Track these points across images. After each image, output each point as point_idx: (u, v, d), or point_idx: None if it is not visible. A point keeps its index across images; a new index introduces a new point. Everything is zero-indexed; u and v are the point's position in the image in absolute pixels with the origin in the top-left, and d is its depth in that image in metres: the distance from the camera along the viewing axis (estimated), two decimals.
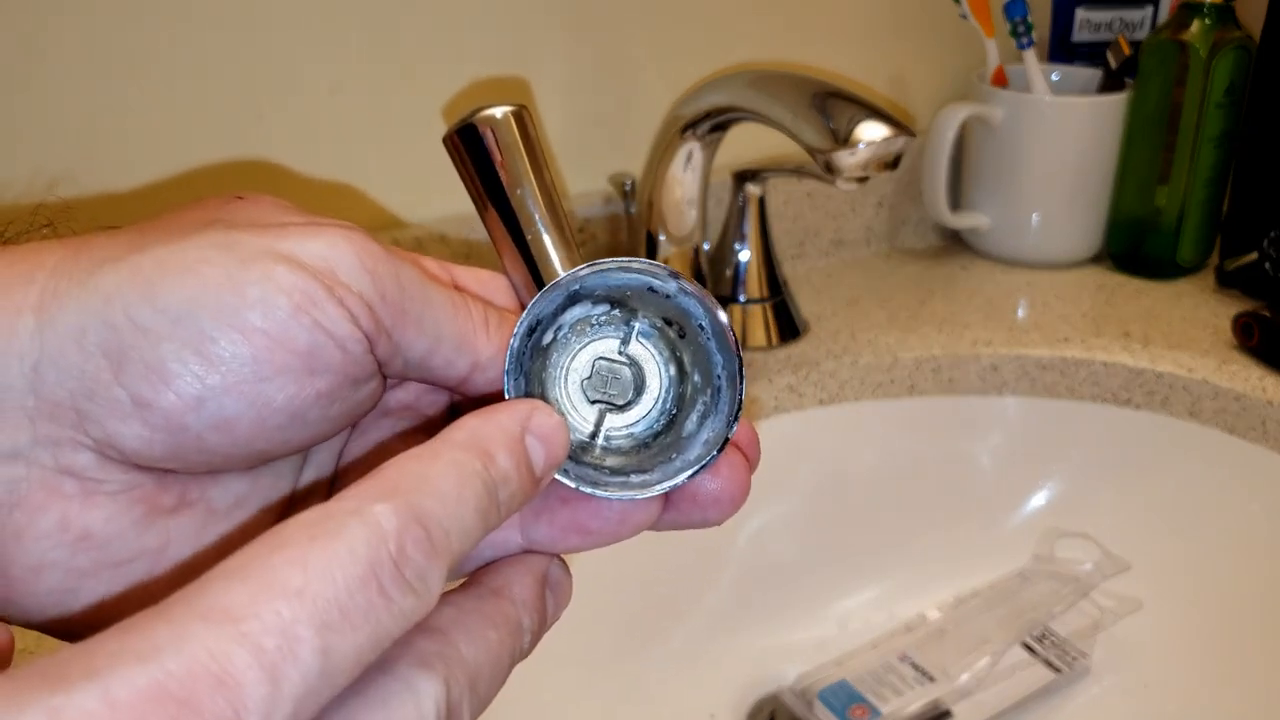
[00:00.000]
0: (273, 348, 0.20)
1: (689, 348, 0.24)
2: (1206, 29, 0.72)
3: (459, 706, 0.19)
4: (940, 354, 0.67)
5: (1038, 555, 0.67)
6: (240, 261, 0.20)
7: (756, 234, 0.67)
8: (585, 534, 0.23)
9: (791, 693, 0.59)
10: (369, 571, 0.16)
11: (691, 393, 0.25)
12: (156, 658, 0.14)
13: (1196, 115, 0.73)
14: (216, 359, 0.19)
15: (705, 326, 0.24)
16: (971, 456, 0.70)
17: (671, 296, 0.23)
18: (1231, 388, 0.63)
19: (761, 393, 0.64)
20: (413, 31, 0.61)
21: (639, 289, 0.24)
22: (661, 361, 0.25)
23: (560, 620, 0.61)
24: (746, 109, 0.54)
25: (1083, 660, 0.62)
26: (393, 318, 0.21)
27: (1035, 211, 0.78)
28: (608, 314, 0.24)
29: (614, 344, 0.24)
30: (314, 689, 0.15)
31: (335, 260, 0.20)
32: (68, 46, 0.52)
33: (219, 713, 0.14)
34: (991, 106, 0.76)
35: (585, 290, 0.23)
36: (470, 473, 0.19)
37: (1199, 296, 0.75)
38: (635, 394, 0.24)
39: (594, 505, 0.23)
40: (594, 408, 0.24)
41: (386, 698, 0.17)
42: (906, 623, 0.65)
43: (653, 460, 0.24)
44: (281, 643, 0.15)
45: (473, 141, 0.25)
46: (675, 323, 0.24)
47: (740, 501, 0.24)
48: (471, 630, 0.20)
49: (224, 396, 0.20)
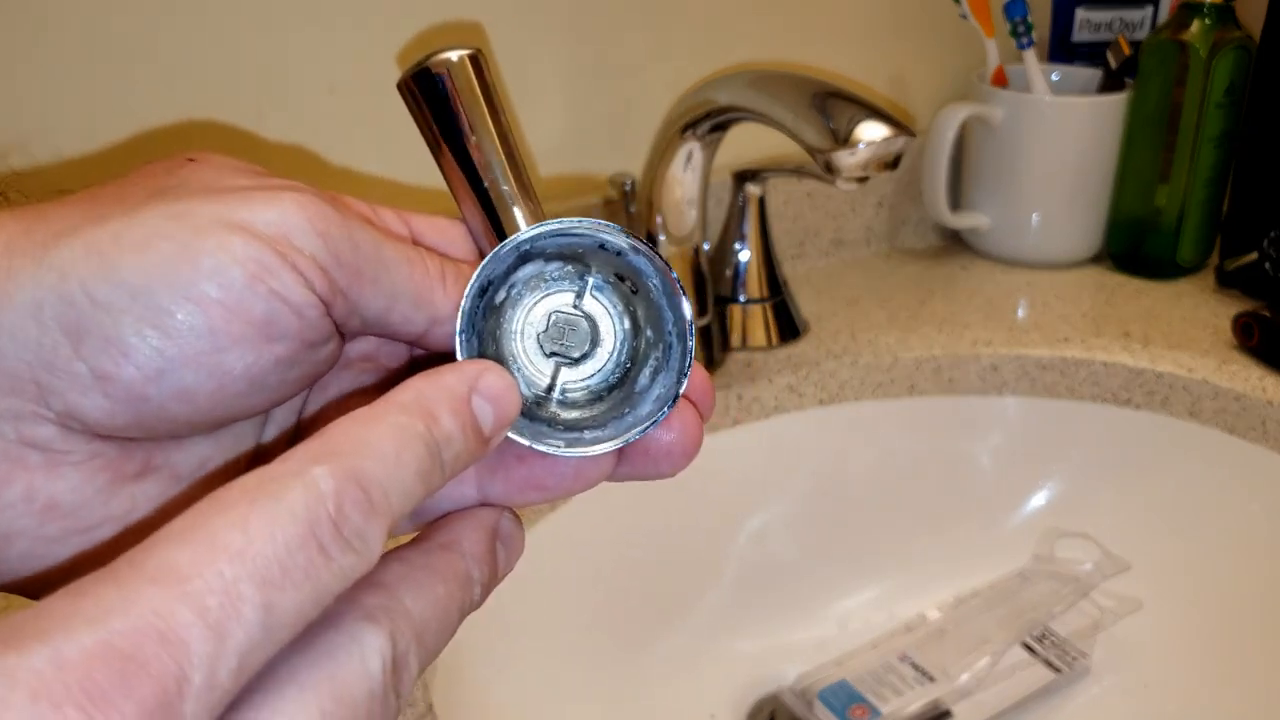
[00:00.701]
0: (230, 318, 0.20)
1: (642, 303, 0.24)
2: (1206, 29, 0.72)
3: (405, 658, 0.19)
4: (940, 354, 0.67)
5: (1038, 555, 0.67)
6: (194, 232, 0.20)
7: (756, 234, 0.67)
8: (541, 489, 0.24)
9: (791, 693, 0.59)
10: (308, 531, 0.17)
11: (645, 347, 0.25)
12: (105, 619, 0.15)
13: (1196, 115, 0.73)
14: (175, 331, 0.20)
15: (657, 284, 0.24)
16: (972, 456, 0.70)
17: (623, 254, 0.24)
18: (1231, 388, 0.63)
19: (762, 393, 0.64)
20: (412, 31, 0.61)
21: (590, 247, 0.24)
22: (616, 315, 0.25)
23: (561, 620, 0.61)
24: (746, 109, 0.54)
25: (1083, 660, 0.62)
26: (348, 279, 0.22)
27: (1035, 211, 0.78)
28: (561, 269, 0.24)
29: (569, 297, 0.24)
30: (257, 644, 0.16)
31: (288, 226, 0.21)
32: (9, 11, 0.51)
33: (165, 668, 0.15)
34: (991, 106, 0.76)
35: (537, 249, 0.23)
36: (411, 435, 0.19)
37: (1199, 296, 0.75)
38: (591, 347, 0.25)
39: (549, 462, 0.23)
40: (550, 361, 0.24)
41: (332, 650, 0.18)
42: (906, 623, 0.65)
43: (607, 415, 0.24)
44: (224, 600, 0.16)
45: (427, 86, 0.25)
46: (628, 279, 0.24)
47: (692, 454, 0.25)
48: (418, 585, 0.20)
49: (183, 368, 0.20)
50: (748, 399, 0.63)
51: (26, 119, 0.53)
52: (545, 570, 0.55)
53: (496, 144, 0.25)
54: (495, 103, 0.25)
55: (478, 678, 0.50)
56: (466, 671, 0.49)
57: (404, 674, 0.19)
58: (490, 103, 0.25)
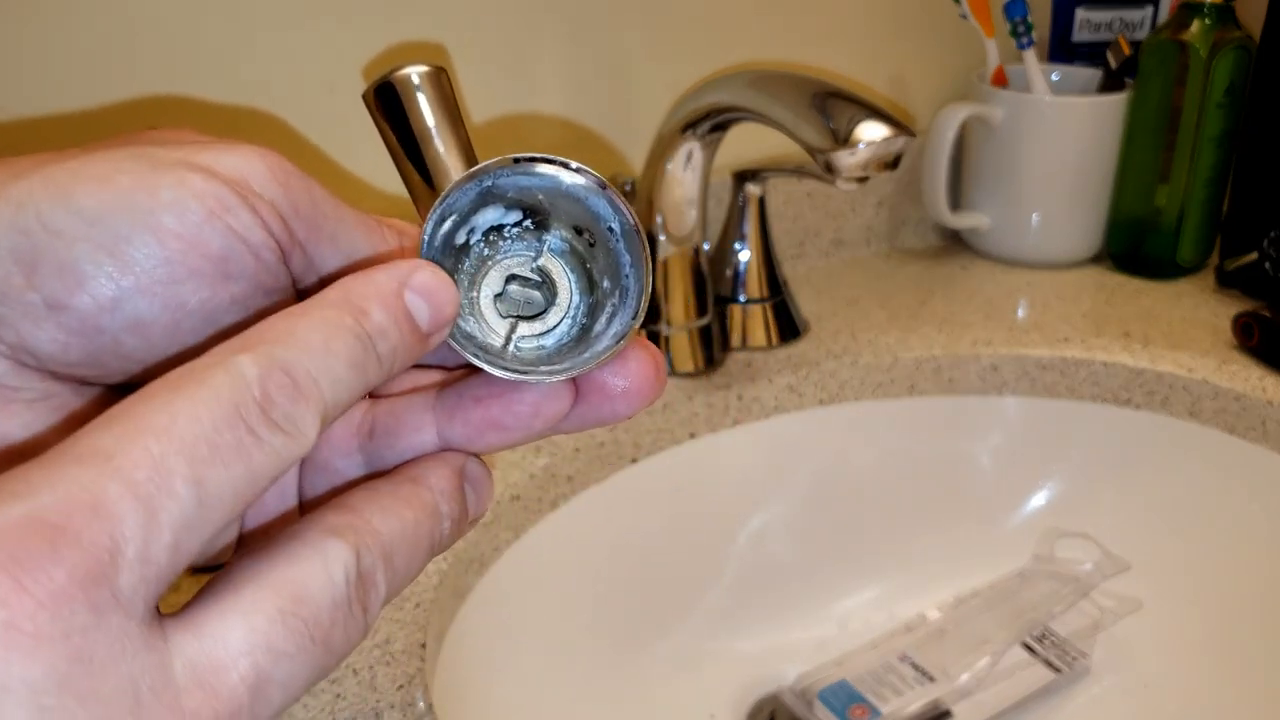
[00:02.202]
0: (186, 250, 0.20)
1: (599, 254, 0.25)
2: (1206, 29, 0.72)
3: (372, 574, 0.19)
4: (940, 354, 0.67)
5: (1038, 555, 0.67)
6: (154, 168, 0.20)
7: (756, 234, 0.67)
8: (500, 430, 0.23)
9: (791, 693, 0.59)
10: (234, 412, 0.17)
11: (601, 299, 0.25)
12: (32, 494, 0.15)
13: (1196, 115, 0.73)
14: (130, 260, 0.20)
15: (615, 228, 0.24)
16: (971, 456, 0.70)
17: (582, 199, 0.24)
18: (1231, 388, 0.63)
19: (762, 393, 0.64)
20: (411, 31, 0.61)
21: (551, 189, 0.24)
22: (573, 278, 0.25)
23: (561, 620, 0.61)
24: (746, 109, 0.54)
25: (1083, 660, 0.62)
26: (307, 232, 0.22)
27: (1035, 211, 0.78)
28: (520, 225, 0.24)
29: (526, 260, 0.24)
30: (191, 521, 0.16)
31: (249, 171, 0.21)
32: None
33: (97, 540, 0.15)
34: (991, 106, 0.76)
35: (498, 189, 0.23)
36: (340, 326, 0.19)
37: (1199, 296, 0.75)
38: (546, 309, 0.25)
39: (506, 401, 0.23)
40: (505, 321, 0.24)
41: (293, 556, 0.18)
42: (906, 623, 0.65)
43: (565, 357, 0.24)
44: (153, 475, 0.16)
45: (390, 99, 0.26)
46: (585, 229, 0.24)
47: (649, 395, 0.24)
48: (385, 508, 0.20)
49: (138, 298, 0.20)
50: (748, 399, 0.63)
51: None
52: (545, 570, 0.56)
53: (456, 156, 0.25)
54: (455, 116, 0.26)
55: (478, 678, 0.50)
56: (467, 671, 0.49)
57: (371, 591, 0.19)
58: (450, 116, 0.26)
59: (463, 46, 0.63)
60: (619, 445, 0.59)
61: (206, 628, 0.17)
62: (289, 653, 0.17)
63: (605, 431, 0.58)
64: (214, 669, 0.16)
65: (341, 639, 0.18)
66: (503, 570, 0.53)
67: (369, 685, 0.41)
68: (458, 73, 0.63)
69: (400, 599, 0.45)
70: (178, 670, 0.16)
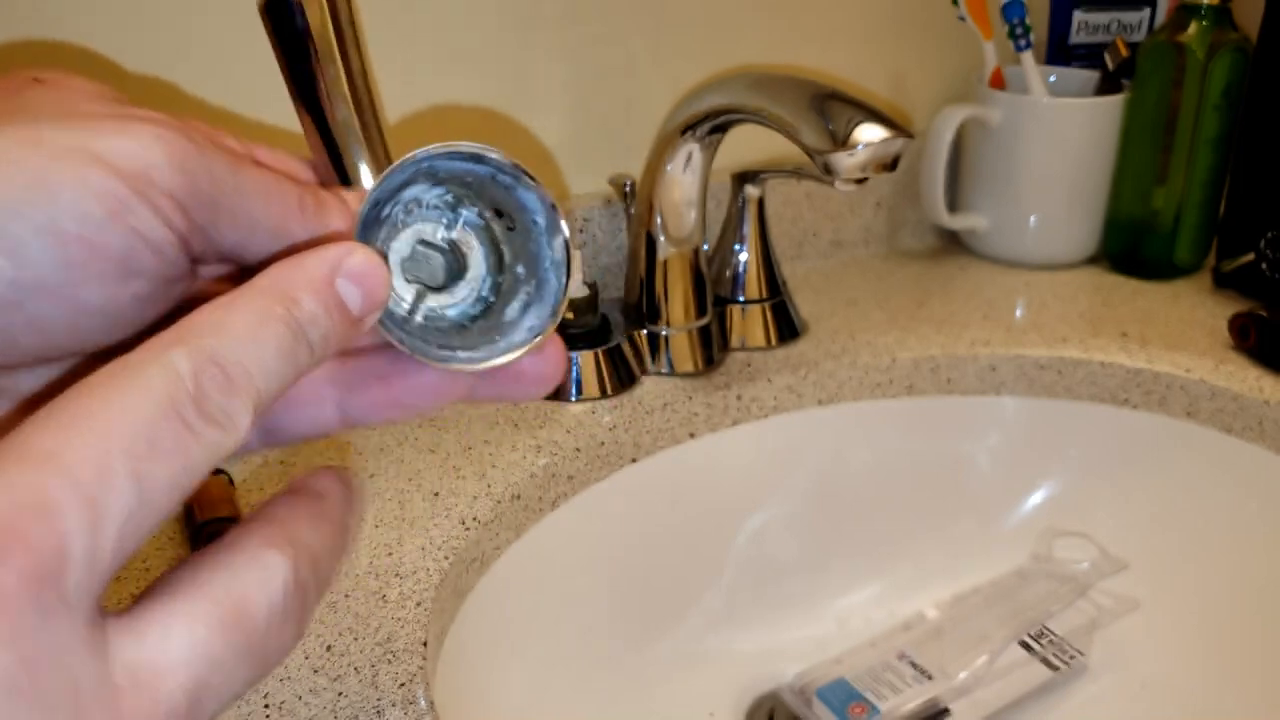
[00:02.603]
0: (87, 253, 0.20)
1: (518, 239, 0.25)
2: (1204, 31, 0.72)
3: (306, 585, 0.19)
4: (938, 354, 0.67)
5: (1036, 554, 0.67)
6: (51, 159, 0.19)
7: (756, 235, 0.67)
8: (401, 407, 0.24)
9: (790, 691, 0.60)
10: (169, 408, 0.17)
11: (513, 283, 0.25)
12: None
13: (1194, 117, 0.73)
14: (29, 263, 0.19)
15: (540, 220, 0.24)
16: (969, 456, 0.70)
17: (511, 189, 0.24)
18: (1228, 388, 0.63)
19: (761, 393, 0.64)
20: (411, 33, 0.62)
21: (483, 177, 0.24)
22: (483, 251, 0.25)
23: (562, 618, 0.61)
24: (746, 110, 0.55)
25: (1080, 659, 0.62)
26: (207, 215, 0.21)
27: (1033, 213, 0.79)
28: (440, 198, 0.24)
29: (438, 228, 0.25)
30: (133, 516, 0.16)
31: (148, 160, 0.20)
32: None
33: (44, 540, 0.15)
34: (989, 108, 0.76)
35: (432, 170, 0.23)
36: (270, 316, 0.19)
37: (1196, 297, 0.75)
38: (452, 279, 0.25)
39: (408, 380, 0.24)
40: (411, 287, 0.24)
41: (235, 568, 0.18)
42: (905, 621, 0.65)
43: (475, 340, 0.24)
44: (96, 473, 0.16)
45: (283, 16, 0.25)
46: (507, 214, 0.25)
47: (555, 381, 0.25)
48: (309, 521, 0.21)
49: (38, 300, 0.20)
50: (747, 399, 0.64)
51: None
52: (546, 569, 0.56)
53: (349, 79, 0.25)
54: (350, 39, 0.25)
55: (479, 676, 0.50)
56: (468, 670, 0.49)
57: (305, 600, 0.19)
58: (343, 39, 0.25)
59: (463, 47, 0.63)
60: (619, 445, 0.59)
61: (149, 634, 0.17)
62: (228, 662, 0.18)
63: (605, 431, 0.58)
64: (154, 674, 0.17)
65: (277, 648, 0.19)
66: (503, 569, 0.53)
67: (371, 683, 0.41)
68: (458, 73, 0.64)
69: (402, 598, 0.46)
70: (118, 673, 0.16)
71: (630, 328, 0.64)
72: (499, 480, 0.53)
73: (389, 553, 0.48)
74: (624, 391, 0.61)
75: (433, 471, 0.54)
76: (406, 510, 0.51)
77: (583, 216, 0.68)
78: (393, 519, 0.51)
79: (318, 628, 0.44)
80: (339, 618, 0.45)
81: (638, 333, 0.63)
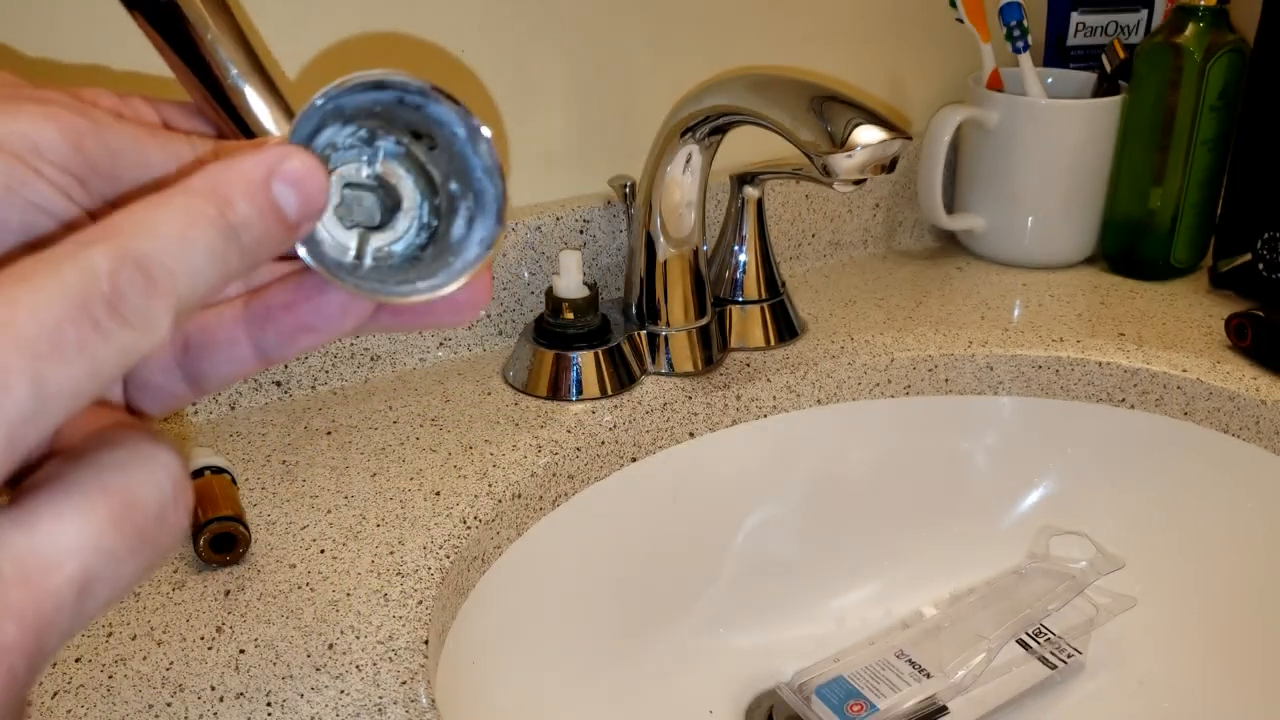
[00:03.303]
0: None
1: (443, 157, 0.24)
2: (1201, 32, 0.72)
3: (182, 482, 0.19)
4: (936, 354, 0.68)
5: (1033, 553, 0.67)
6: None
7: (755, 236, 0.67)
8: (311, 332, 0.23)
9: (789, 689, 0.60)
10: (80, 307, 0.17)
11: (451, 202, 0.25)
12: None
13: (1191, 118, 0.73)
14: None
15: (459, 132, 0.24)
16: (967, 455, 0.70)
17: (421, 108, 0.23)
18: (1225, 387, 0.63)
19: (760, 392, 0.64)
20: (411, 32, 0.62)
21: (390, 103, 0.23)
22: (411, 179, 0.25)
23: (562, 616, 0.61)
24: (745, 112, 0.55)
25: (1077, 657, 0.62)
26: (107, 185, 0.21)
27: (1030, 213, 0.79)
28: (354, 135, 0.24)
29: (360, 167, 0.24)
30: (28, 416, 0.16)
31: (39, 139, 0.20)
32: None
33: None
34: (987, 110, 0.77)
35: (337, 110, 0.23)
36: (201, 217, 0.19)
37: (1193, 297, 0.75)
38: (389, 215, 0.24)
39: (312, 302, 0.23)
40: (352, 233, 0.24)
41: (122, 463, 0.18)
42: (903, 619, 0.66)
43: (432, 268, 0.24)
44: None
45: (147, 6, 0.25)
46: (426, 135, 0.24)
47: (481, 306, 0.25)
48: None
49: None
50: (746, 399, 0.64)
51: None
52: (546, 567, 0.56)
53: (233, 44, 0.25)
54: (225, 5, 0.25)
55: (480, 673, 0.50)
56: (469, 667, 0.49)
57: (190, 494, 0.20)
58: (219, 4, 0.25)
59: (464, 48, 0.64)
60: (619, 445, 0.59)
61: (40, 526, 0.17)
62: (120, 554, 0.18)
63: (606, 431, 0.59)
64: (41, 567, 0.17)
65: (169, 538, 0.19)
66: (504, 568, 0.53)
67: (372, 681, 0.41)
68: (458, 74, 0.64)
69: (403, 596, 0.46)
70: (4, 565, 0.16)
71: (630, 328, 0.64)
72: (500, 479, 0.54)
73: (391, 551, 0.49)
74: (624, 391, 0.62)
75: (434, 470, 0.55)
76: (408, 509, 0.52)
77: (583, 217, 0.68)
78: (394, 518, 0.51)
79: (319, 625, 0.44)
80: (341, 616, 0.45)
81: (638, 333, 0.64)
